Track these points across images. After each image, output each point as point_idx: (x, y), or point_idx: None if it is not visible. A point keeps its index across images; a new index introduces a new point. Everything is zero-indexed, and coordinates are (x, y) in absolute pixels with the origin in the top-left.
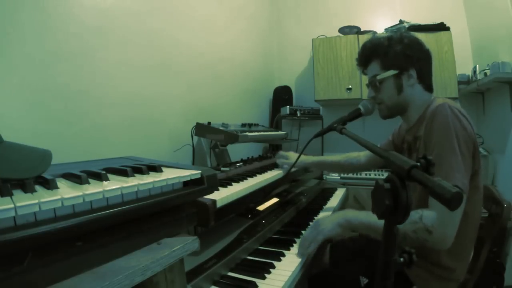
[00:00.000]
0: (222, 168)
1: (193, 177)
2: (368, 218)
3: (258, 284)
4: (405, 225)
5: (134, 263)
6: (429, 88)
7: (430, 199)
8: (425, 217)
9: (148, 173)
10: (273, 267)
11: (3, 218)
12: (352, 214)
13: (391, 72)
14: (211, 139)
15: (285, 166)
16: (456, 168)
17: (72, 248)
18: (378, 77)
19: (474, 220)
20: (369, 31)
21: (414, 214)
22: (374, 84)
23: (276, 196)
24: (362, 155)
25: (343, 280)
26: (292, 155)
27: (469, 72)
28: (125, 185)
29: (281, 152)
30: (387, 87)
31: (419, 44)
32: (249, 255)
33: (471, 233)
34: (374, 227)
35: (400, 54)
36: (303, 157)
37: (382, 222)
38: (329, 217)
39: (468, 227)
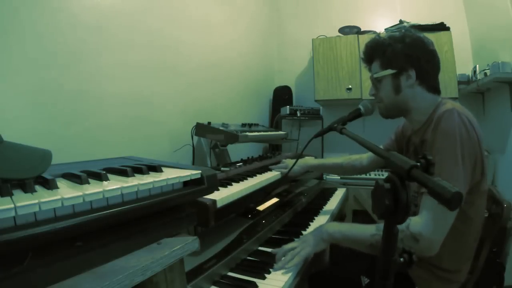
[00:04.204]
0: (222, 168)
1: (193, 177)
2: (351, 230)
3: (258, 284)
4: None
5: (134, 263)
6: (433, 89)
7: (421, 204)
8: (412, 224)
9: (148, 173)
10: (273, 267)
11: (3, 218)
12: (334, 228)
13: (388, 72)
14: (211, 139)
15: (283, 171)
16: (455, 178)
17: (72, 248)
18: (375, 75)
19: (477, 223)
20: (369, 31)
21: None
22: (373, 83)
23: (276, 196)
24: (365, 157)
25: (344, 280)
26: (292, 163)
27: (469, 72)
28: (125, 185)
29: (283, 161)
30: (384, 86)
31: (422, 44)
32: (249, 255)
33: (474, 235)
34: (357, 239)
35: (400, 53)
36: (304, 160)
37: (364, 234)
38: (311, 232)
39: (471, 230)
